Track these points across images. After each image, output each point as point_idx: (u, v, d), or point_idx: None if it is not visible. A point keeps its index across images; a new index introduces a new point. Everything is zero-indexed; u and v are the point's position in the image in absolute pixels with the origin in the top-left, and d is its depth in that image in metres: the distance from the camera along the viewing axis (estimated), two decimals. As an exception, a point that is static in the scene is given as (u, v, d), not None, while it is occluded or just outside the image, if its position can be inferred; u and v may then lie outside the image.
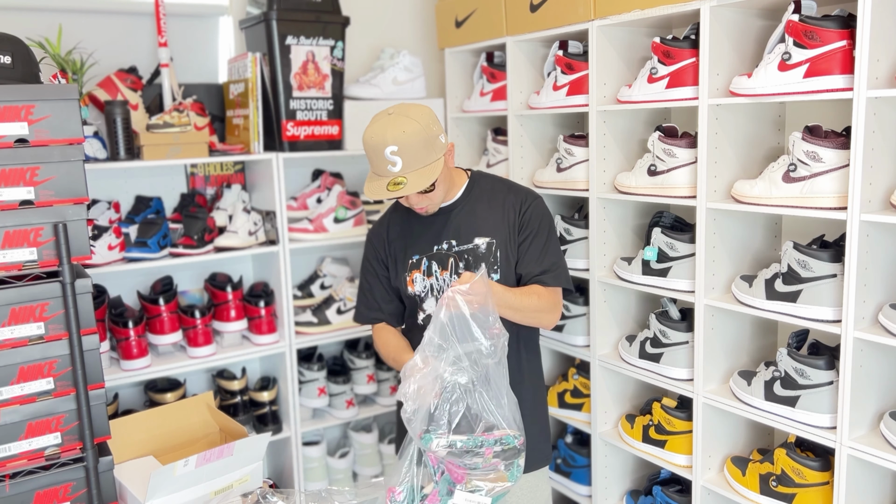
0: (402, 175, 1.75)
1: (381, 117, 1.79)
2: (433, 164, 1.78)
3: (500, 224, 1.91)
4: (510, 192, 1.96)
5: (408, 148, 1.73)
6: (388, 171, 1.75)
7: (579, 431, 2.64)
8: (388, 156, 1.73)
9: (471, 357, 1.63)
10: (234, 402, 2.70)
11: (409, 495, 1.65)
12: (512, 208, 1.92)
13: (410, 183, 1.74)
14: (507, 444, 1.65)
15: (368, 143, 1.77)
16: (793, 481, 1.90)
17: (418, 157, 1.75)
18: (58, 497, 1.65)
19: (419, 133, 1.75)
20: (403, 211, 2.00)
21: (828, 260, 1.80)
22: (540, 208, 1.95)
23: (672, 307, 2.23)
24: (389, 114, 1.78)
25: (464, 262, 1.90)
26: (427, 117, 1.79)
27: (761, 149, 2.09)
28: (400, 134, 1.73)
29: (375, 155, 1.76)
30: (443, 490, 1.64)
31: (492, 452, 1.65)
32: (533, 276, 1.89)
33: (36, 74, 1.70)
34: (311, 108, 2.66)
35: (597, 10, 2.22)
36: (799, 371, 1.86)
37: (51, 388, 1.62)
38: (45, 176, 1.57)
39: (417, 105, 1.83)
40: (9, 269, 1.57)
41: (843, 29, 1.72)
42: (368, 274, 2.04)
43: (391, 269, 1.99)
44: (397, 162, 1.74)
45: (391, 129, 1.74)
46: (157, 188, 2.70)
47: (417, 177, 1.75)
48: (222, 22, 2.83)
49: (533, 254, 1.90)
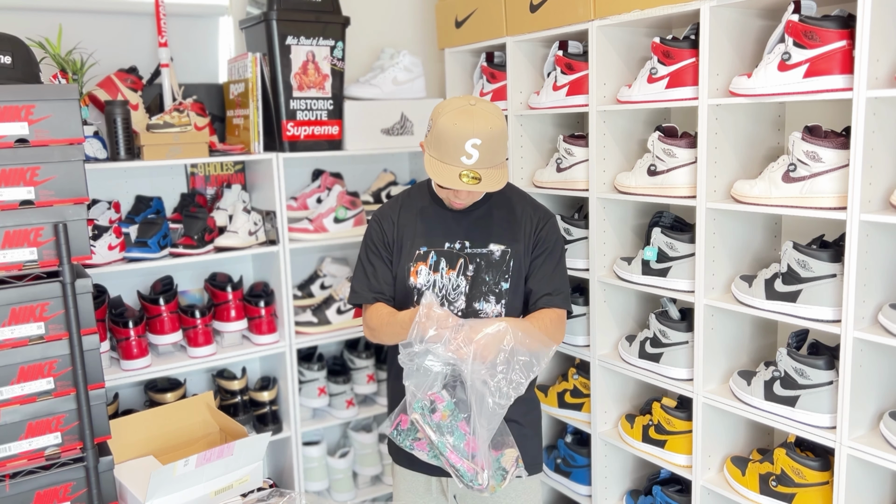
0: (476, 169, 1.72)
1: (462, 106, 1.74)
2: (503, 164, 1.77)
3: (518, 235, 1.91)
4: (529, 206, 1.97)
5: (490, 144, 1.71)
6: (460, 163, 1.72)
7: (579, 431, 2.64)
8: (468, 147, 1.70)
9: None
10: (234, 402, 2.70)
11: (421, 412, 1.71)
12: (530, 222, 1.92)
13: (485, 181, 1.72)
14: (463, 478, 1.71)
15: (451, 131, 1.72)
16: (792, 481, 1.90)
17: (494, 155, 1.73)
18: (58, 497, 1.65)
19: (503, 132, 1.74)
20: (418, 198, 1.98)
21: (827, 260, 1.80)
22: (556, 229, 1.96)
23: (672, 307, 2.23)
24: (472, 104, 1.74)
25: (475, 265, 1.89)
26: (504, 118, 1.78)
27: (761, 149, 2.09)
28: (487, 129, 1.71)
29: (454, 144, 1.71)
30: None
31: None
32: (542, 294, 1.90)
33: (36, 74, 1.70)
34: (311, 108, 2.66)
35: (597, 10, 2.22)
36: (799, 371, 1.87)
37: (51, 388, 1.62)
38: (45, 176, 1.57)
39: (492, 103, 1.81)
40: (9, 269, 1.57)
41: (842, 29, 1.72)
42: (372, 255, 1.97)
43: (395, 254, 1.96)
44: (474, 155, 1.70)
45: (480, 122, 1.71)
46: (157, 188, 2.70)
47: (491, 176, 1.73)
48: (222, 22, 2.83)
49: (545, 272, 1.91)
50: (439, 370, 1.69)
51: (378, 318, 1.91)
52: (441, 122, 1.74)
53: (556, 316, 1.91)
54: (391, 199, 2.04)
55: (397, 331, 1.82)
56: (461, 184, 1.71)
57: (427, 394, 1.69)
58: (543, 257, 1.91)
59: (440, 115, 1.76)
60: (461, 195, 1.83)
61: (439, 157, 1.75)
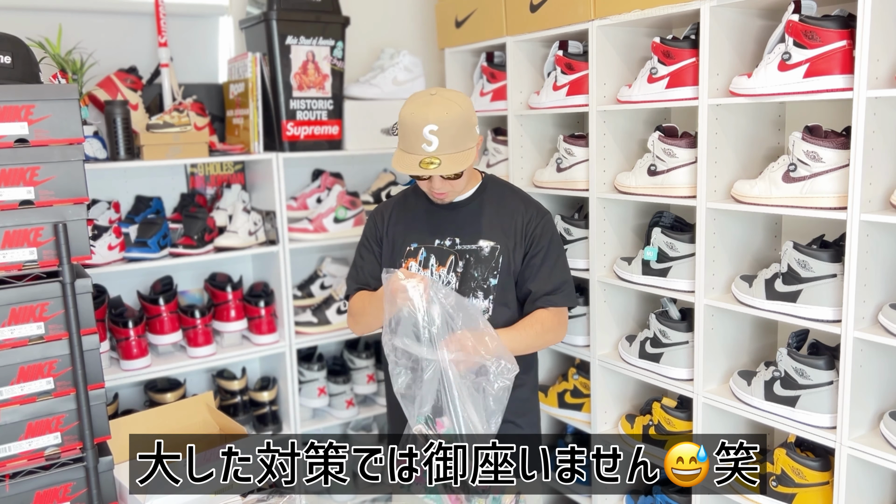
0: (437, 156, 1.74)
1: (422, 96, 1.79)
2: (467, 151, 1.78)
3: (508, 231, 1.91)
4: (521, 202, 1.96)
5: (448, 129, 1.73)
6: (421, 150, 1.74)
7: (579, 431, 2.64)
8: (427, 134, 1.73)
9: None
10: (234, 402, 2.70)
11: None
12: (522, 219, 1.92)
13: (444, 164, 1.74)
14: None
15: (407, 120, 1.76)
16: (793, 481, 1.90)
17: (455, 141, 1.75)
18: (58, 497, 1.65)
19: (461, 117, 1.76)
20: (413, 198, 1.99)
21: (828, 260, 1.80)
22: (550, 225, 1.96)
23: (672, 307, 2.23)
24: (432, 94, 1.78)
25: (464, 261, 1.90)
26: (468, 104, 1.80)
27: (761, 149, 2.09)
28: (443, 114, 1.73)
29: (413, 132, 1.74)
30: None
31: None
32: (542, 294, 1.90)
33: (36, 74, 1.70)
34: (311, 108, 2.66)
35: (597, 10, 2.22)
36: (799, 371, 1.86)
37: (51, 388, 1.62)
38: (45, 176, 1.57)
39: (458, 91, 1.83)
40: (9, 269, 1.57)
41: (842, 29, 1.72)
42: (364, 250, 2.04)
43: (385, 249, 1.99)
44: (433, 142, 1.73)
45: (434, 109, 1.74)
46: (157, 188, 2.70)
47: (451, 160, 1.75)
48: (222, 22, 2.83)
49: (544, 272, 1.91)
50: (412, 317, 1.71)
51: (360, 303, 1.97)
52: (401, 112, 1.79)
53: (552, 315, 1.91)
54: (388, 199, 2.07)
55: (377, 306, 1.85)
56: (421, 170, 1.74)
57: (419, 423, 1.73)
58: (540, 257, 1.91)
59: (402, 107, 1.80)
60: (435, 185, 1.84)
61: (403, 147, 1.79)
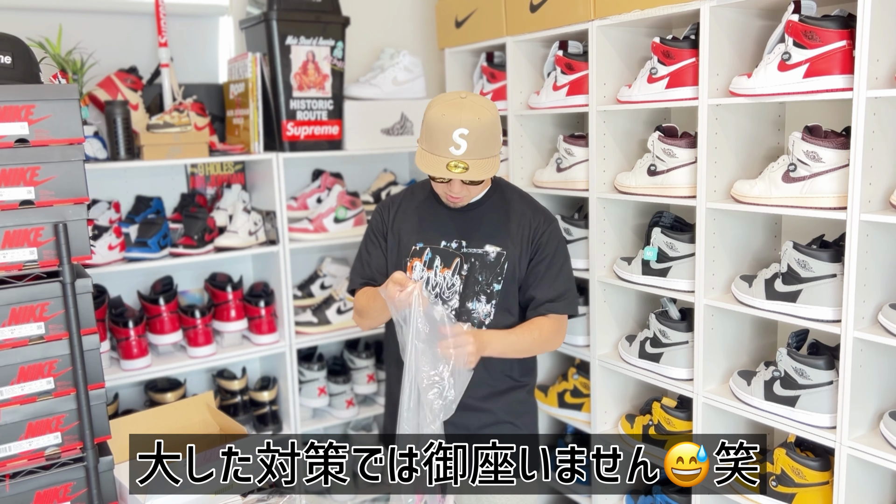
0: (465, 160, 1.73)
1: (452, 98, 1.77)
2: (493, 158, 1.78)
3: (515, 238, 1.91)
4: (529, 208, 1.96)
5: (478, 135, 1.72)
6: (449, 153, 1.73)
7: (579, 431, 2.64)
8: (456, 138, 1.72)
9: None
10: (234, 402, 2.70)
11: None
12: (529, 226, 1.92)
13: (472, 170, 1.73)
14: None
15: (437, 122, 1.74)
16: (792, 481, 1.90)
17: (483, 147, 1.74)
18: (58, 497, 1.65)
19: (491, 123, 1.75)
20: (420, 195, 1.99)
21: (827, 260, 1.80)
22: (557, 232, 1.96)
23: (672, 307, 2.23)
24: (462, 97, 1.77)
25: (469, 264, 1.89)
26: (496, 111, 1.79)
27: (761, 149, 2.09)
28: (475, 119, 1.72)
29: (442, 134, 1.73)
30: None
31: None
32: (545, 301, 1.90)
33: (36, 74, 1.70)
34: (311, 108, 2.66)
35: (597, 10, 2.22)
36: (799, 371, 1.87)
37: (51, 388, 1.62)
38: (45, 176, 1.57)
39: (485, 97, 1.82)
40: (9, 269, 1.57)
41: (842, 29, 1.72)
42: (370, 244, 2.02)
43: (391, 245, 1.98)
44: (462, 145, 1.72)
45: (466, 113, 1.72)
46: (157, 188, 2.70)
47: (478, 166, 1.74)
48: (222, 22, 2.83)
49: (548, 279, 1.91)
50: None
51: (365, 298, 1.95)
52: (430, 113, 1.77)
53: (552, 323, 1.92)
54: (395, 194, 2.06)
55: (381, 303, 1.84)
56: (448, 173, 1.73)
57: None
58: (545, 264, 1.91)
59: (430, 108, 1.78)
60: (454, 188, 1.83)
61: (429, 149, 1.77)
